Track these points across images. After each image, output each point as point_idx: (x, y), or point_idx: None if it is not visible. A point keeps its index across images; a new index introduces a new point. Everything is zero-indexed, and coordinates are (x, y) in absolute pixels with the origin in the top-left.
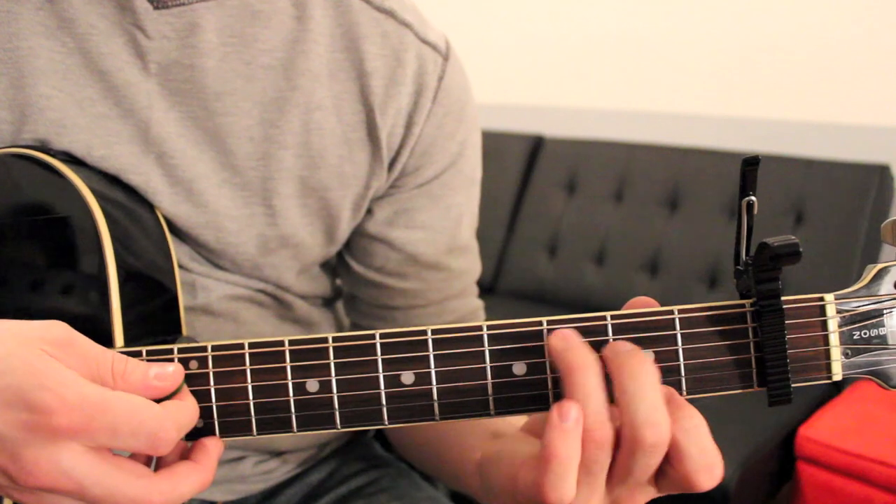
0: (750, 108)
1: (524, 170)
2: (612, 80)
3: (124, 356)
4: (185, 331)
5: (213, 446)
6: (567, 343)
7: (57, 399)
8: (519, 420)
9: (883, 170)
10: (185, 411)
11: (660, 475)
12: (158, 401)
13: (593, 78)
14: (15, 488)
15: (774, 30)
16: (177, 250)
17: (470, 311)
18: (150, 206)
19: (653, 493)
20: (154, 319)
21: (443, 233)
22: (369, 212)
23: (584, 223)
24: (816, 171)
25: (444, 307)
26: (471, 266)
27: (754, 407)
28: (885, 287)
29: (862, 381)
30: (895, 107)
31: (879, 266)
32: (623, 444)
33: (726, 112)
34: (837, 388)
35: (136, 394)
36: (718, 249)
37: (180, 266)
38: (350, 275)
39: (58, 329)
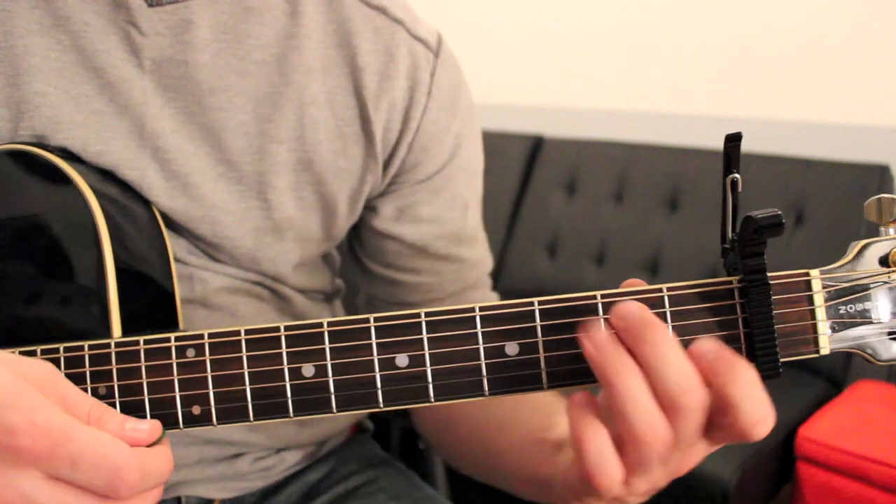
0: (750, 108)
1: (524, 170)
2: (612, 80)
3: (103, 404)
4: (181, 324)
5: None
6: (601, 351)
7: (25, 421)
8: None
9: (883, 170)
10: (156, 459)
11: (713, 429)
12: None
13: (593, 78)
14: None
15: (774, 30)
16: (174, 244)
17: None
18: (145, 201)
19: (707, 448)
20: (152, 313)
21: (450, 223)
22: (374, 209)
23: (583, 223)
24: (816, 171)
25: (460, 298)
26: (482, 256)
27: None
28: (870, 263)
29: (862, 381)
30: (895, 107)
31: (863, 242)
32: (664, 415)
33: (726, 112)
34: (837, 387)
35: None
36: (718, 249)
37: (177, 259)
38: (366, 274)
39: (45, 366)
